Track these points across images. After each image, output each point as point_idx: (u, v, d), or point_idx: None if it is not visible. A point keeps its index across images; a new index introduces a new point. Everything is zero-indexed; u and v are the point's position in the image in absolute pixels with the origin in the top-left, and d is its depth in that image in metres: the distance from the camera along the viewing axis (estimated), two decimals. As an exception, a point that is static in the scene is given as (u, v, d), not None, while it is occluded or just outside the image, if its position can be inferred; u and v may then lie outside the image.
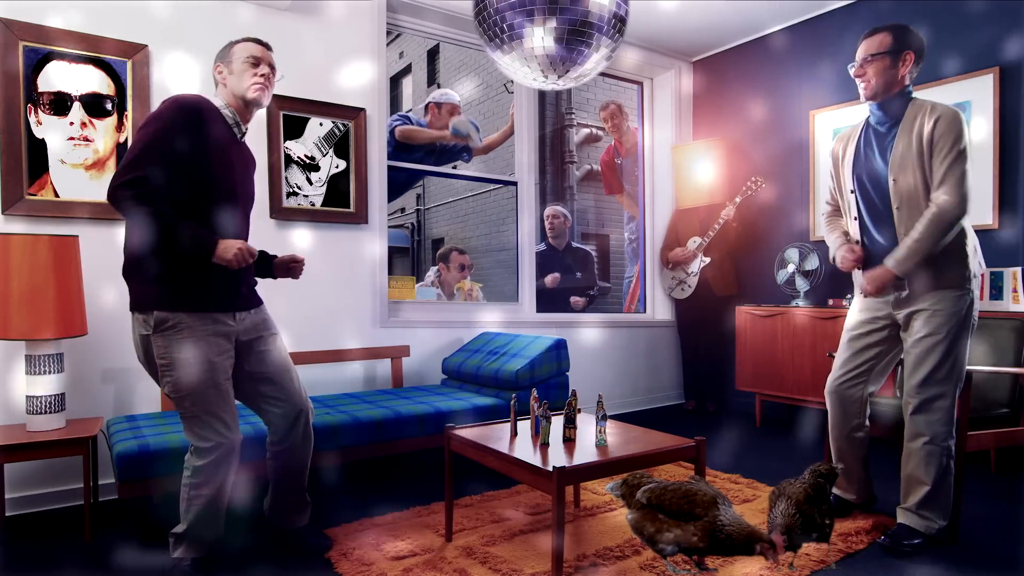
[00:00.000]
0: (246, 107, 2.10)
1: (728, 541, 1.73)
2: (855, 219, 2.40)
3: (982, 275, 3.30)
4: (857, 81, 2.30)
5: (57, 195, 2.74)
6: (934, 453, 2.21)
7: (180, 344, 1.92)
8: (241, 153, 2.15)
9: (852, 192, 2.39)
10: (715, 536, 1.73)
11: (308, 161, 3.35)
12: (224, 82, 2.09)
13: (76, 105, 2.78)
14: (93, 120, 2.81)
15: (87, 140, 2.80)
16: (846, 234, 2.47)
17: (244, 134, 2.15)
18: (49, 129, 2.73)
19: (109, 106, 2.84)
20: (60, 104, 2.75)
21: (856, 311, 2.46)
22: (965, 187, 2.13)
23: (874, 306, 2.39)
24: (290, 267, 2.24)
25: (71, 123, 2.77)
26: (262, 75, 2.08)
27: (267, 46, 2.14)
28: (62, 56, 2.74)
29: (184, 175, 1.91)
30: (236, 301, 2.07)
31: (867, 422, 2.47)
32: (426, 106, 4.54)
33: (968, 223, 2.23)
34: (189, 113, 1.94)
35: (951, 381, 2.21)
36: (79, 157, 2.79)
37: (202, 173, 1.95)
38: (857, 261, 2.34)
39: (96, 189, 2.81)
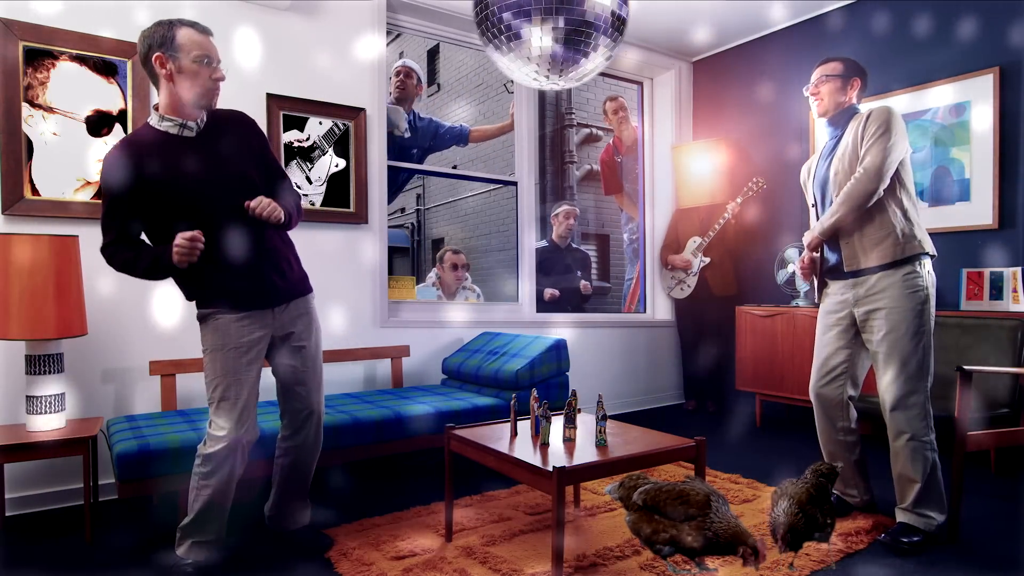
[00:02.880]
0: (192, 107, 1.96)
1: (715, 540, 1.73)
2: None
3: (981, 273, 3.30)
4: (811, 99, 2.53)
5: (37, 193, 2.71)
6: (918, 449, 2.24)
7: (212, 332, 2.03)
8: (200, 148, 1.98)
9: (813, 206, 2.57)
10: (706, 536, 1.73)
11: (305, 145, 3.33)
12: (168, 78, 1.91)
13: (117, 127, 2.83)
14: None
15: None
16: None
17: (200, 124, 2.00)
18: (37, 130, 2.70)
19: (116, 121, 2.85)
20: (102, 122, 2.81)
21: (823, 313, 2.54)
22: (881, 162, 2.26)
23: (835, 307, 2.47)
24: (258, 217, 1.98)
25: (105, 143, 2.80)
26: (218, 76, 1.95)
27: (207, 31, 1.96)
28: (82, 62, 2.75)
29: (146, 213, 1.98)
30: (262, 299, 2.08)
31: (853, 424, 2.49)
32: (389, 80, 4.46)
33: (915, 213, 2.33)
34: (114, 165, 1.91)
35: (922, 376, 2.26)
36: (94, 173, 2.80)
37: (157, 202, 1.95)
38: (809, 263, 2.53)
39: (82, 192, 2.79)
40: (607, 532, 2.36)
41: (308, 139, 3.35)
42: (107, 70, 2.84)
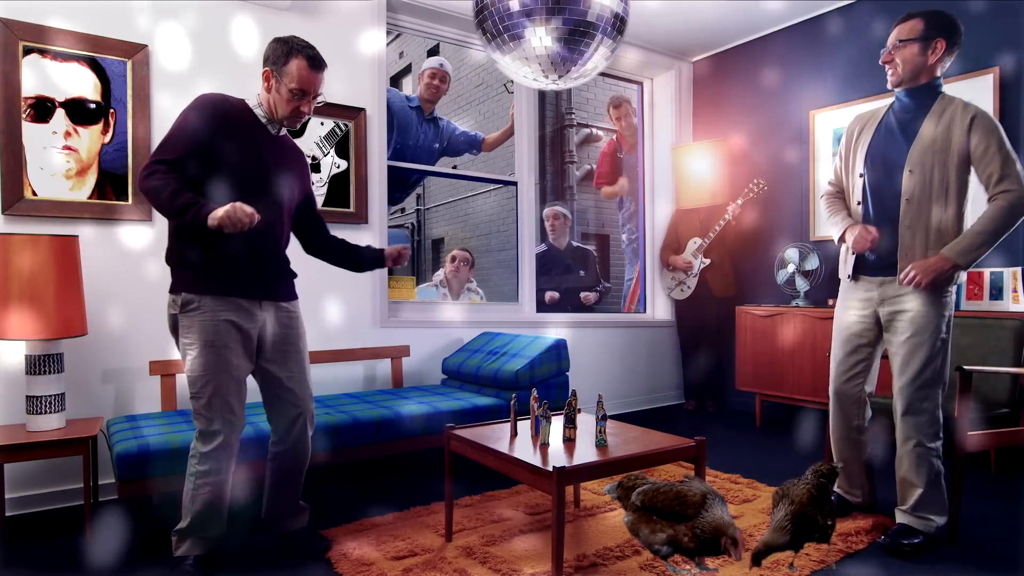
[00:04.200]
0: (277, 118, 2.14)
1: (703, 536, 1.72)
2: (859, 203, 2.37)
3: (981, 273, 3.30)
4: (885, 68, 2.28)
5: (35, 194, 2.69)
6: (924, 456, 2.23)
7: (200, 325, 1.99)
8: (276, 148, 2.15)
9: (861, 176, 2.36)
10: (696, 534, 1.74)
11: (309, 160, 3.35)
12: (267, 89, 2.09)
13: (60, 112, 2.70)
14: (78, 128, 2.74)
15: (70, 149, 2.73)
16: (851, 215, 2.42)
17: (280, 131, 2.17)
18: (26, 133, 2.66)
19: (94, 110, 2.77)
20: (42, 109, 2.68)
21: (843, 309, 2.46)
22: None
23: (858, 304, 2.40)
24: (400, 254, 2.43)
25: (54, 132, 2.70)
26: (304, 111, 2.10)
27: (321, 69, 2.09)
28: (44, 53, 2.69)
29: (209, 165, 1.99)
30: (261, 290, 2.10)
31: (866, 423, 2.47)
32: (418, 78, 4.49)
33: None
34: (212, 107, 2.02)
35: (937, 382, 2.23)
36: (62, 167, 2.72)
37: (226, 163, 2.00)
38: (873, 243, 2.26)
39: (79, 192, 2.78)
40: (607, 532, 2.36)
41: (308, 151, 3.35)
42: (93, 68, 2.80)
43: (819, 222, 4.16)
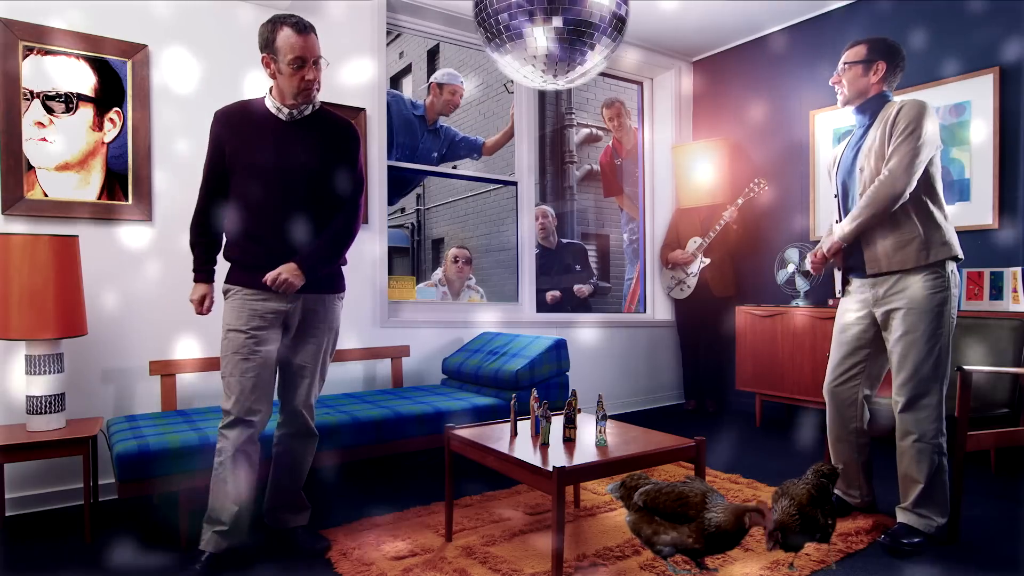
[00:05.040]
0: (291, 100, 2.13)
1: (720, 533, 1.72)
2: (837, 221, 2.49)
3: (981, 273, 3.30)
4: (835, 88, 2.42)
5: (46, 195, 2.70)
6: (924, 451, 2.23)
7: (230, 312, 2.14)
8: (290, 135, 2.14)
9: (835, 196, 2.49)
10: (708, 534, 1.73)
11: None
12: (271, 75, 2.11)
13: (35, 103, 2.68)
14: (52, 118, 2.71)
15: (44, 140, 2.70)
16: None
17: (297, 114, 2.14)
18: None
19: (70, 101, 2.74)
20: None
21: (842, 311, 2.51)
22: (910, 165, 2.18)
23: (855, 306, 2.44)
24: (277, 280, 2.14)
25: (31, 123, 2.69)
26: (310, 78, 2.08)
27: (308, 31, 2.06)
28: (42, 52, 2.68)
29: (227, 174, 2.14)
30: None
31: (865, 426, 2.47)
32: (428, 87, 4.48)
33: (943, 216, 2.27)
34: (216, 121, 2.16)
35: (936, 378, 2.23)
36: (40, 159, 2.69)
37: (234, 167, 2.12)
38: (818, 265, 2.48)
39: (85, 191, 2.78)
40: (607, 532, 2.36)
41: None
42: (91, 64, 2.80)
43: (819, 222, 4.17)
